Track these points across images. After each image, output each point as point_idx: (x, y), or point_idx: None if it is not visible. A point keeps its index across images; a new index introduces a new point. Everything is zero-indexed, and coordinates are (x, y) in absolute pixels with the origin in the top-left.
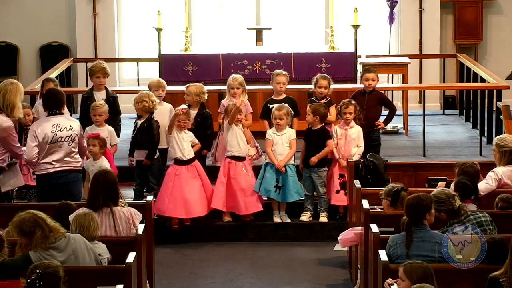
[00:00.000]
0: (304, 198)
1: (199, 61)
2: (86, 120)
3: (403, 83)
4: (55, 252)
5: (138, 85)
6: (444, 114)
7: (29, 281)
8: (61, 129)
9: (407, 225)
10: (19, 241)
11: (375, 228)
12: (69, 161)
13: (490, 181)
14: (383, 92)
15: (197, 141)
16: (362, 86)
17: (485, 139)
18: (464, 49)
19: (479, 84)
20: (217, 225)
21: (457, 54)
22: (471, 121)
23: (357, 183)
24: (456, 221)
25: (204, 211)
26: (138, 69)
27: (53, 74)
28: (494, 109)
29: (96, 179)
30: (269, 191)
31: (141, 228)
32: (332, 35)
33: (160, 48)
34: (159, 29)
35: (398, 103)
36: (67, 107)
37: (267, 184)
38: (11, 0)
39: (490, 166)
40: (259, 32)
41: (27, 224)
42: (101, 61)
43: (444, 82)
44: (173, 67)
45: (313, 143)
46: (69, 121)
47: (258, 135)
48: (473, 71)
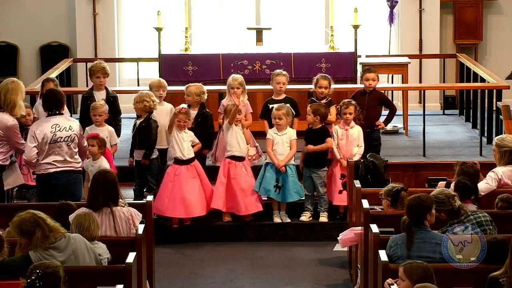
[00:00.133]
0: (304, 198)
1: (199, 61)
2: (86, 120)
3: (403, 83)
4: (55, 252)
5: (138, 85)
6: (444, 114)
7: (29, 281)
8: (60, 129)
9: (407, 226)
10: (19, 241)
11: (375, 228)
12: (69, 161)
13: (490, 181)
14: (383, 92)
15: (198, 141)
16: (362, 86)
17: (485, 139)
18: (464, 49)
19: (479, 84)
20: (217, 225)
21: (457, 54)
22: (471, 121)
23: (357, 183)
24: (456, 221)
25: (203, 211)
26: (138, 69)
27: (53, 74)
28: (494, 109)
29: (96, 179)
30: (268, 190)
31: (141, 228)
32: (332, 35)
33: (160, 48)
34: (159, 29)
35: (398, 103)
36: (67, 107)
37: (267, 183)
38: (11, 0)
39: (490, 166)
40: (259, 32)
41: (27, 224)
42: (101, 61)
43: (444, 82)
44: (173, 67)
45: (314, 142)
46: (68, 121)
47: (258, 135)
48: (473, 71)
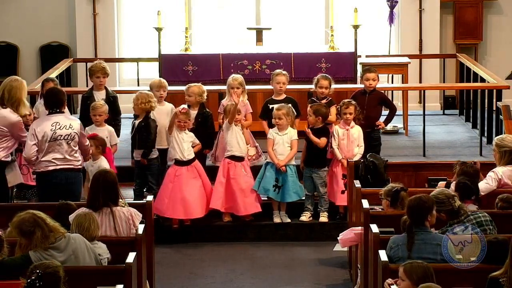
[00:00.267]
0: (303, 198)
1: (199, 61)
2: (86, 120)
3: (403, 83)
4: (55, 252)
5: (138, 85)
6: (444, 114)
7: (29, 281)
8: (60, 128)
9: (408, 227)
10: (19, 241)
11: (375, 228)
12: (69, 159)
13: (490, 181)
14: (383, 92)
15: (198, 142)
16: (362, 86)
17: (485, 139)
18: (464, 49)
19: (479, 84)
20: (217, 225)
21: (457, 54)
22: (471, 121)
23: (357, 183)
24: (456, 222)
25: (203, 212)
26: (138, 69)
27: (53, 74)
28: (494, 109)
29: (96, 179)
30: (268, 190)
31: (141, 228)
32: (332, 35)
33: (160, 48)
34: (159, 29)
35: (398, 103)
36: (67, 107)
37: (266, 183)
38: (11, 0)
39: (490, 166)
40: (259, 32)
41: (27, 224)
42: (101, 61)
43: (444, 82)
44: (173, 67)
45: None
46: (69, 120)
47: (258, 135)
48: (473, 71)
